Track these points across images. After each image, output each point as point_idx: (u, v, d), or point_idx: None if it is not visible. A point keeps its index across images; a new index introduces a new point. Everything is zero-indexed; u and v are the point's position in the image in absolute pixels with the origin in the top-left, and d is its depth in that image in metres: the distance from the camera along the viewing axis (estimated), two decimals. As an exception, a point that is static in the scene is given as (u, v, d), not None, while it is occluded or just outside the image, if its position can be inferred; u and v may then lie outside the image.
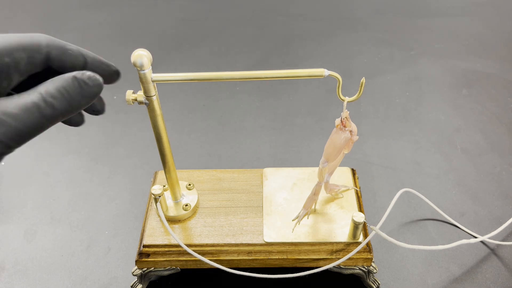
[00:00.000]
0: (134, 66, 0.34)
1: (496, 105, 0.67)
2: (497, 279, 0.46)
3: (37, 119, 0.27)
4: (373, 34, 0.84)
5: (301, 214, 0.43)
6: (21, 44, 0.29)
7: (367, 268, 0.43)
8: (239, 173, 0.49)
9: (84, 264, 0.48)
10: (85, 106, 0.30)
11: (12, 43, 0.28)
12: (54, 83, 0.29)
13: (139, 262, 0.43)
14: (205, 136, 0.64)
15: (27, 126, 0.27)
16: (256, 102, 0.69)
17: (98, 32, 0.86)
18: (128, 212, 0.53)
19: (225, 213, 0.45)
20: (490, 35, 0.83)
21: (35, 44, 0.29)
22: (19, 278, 0.47)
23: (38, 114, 0.27)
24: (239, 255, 0.42)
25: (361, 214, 0.40)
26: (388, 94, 0.70)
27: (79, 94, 0.29)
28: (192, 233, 0.43)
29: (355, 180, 0.48)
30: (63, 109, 0.28)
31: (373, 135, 0.63)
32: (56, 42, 0.31)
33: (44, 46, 0.30)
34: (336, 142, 0.38)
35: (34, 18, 0.92)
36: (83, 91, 0.29)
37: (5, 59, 0.28)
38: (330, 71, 0.34)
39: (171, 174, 0.42)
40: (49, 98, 0.28)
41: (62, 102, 0.28)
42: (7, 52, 0.28)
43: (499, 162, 0.58)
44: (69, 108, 0.28)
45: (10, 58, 0.28)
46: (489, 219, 0.51)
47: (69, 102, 0.28)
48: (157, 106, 0.37)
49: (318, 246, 0.42)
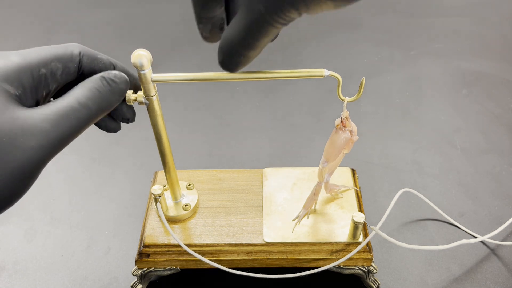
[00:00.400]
0: (134, 66, 0.33)
1: (496, 105, 0.67)
2: (497, 279, 0.46)
3: (74, 122, 0.29)
4: (373, 34, 0.84)
5: (301, 214, 0.43)
6: (56, 55, 0.30)
7: (367, 268, 0.43)
8: (239, 173, 0.49)
9: (84, 264, 0.48)
10: (116, 103, 0.32)
11: (48, 54, 0.30)
12: (85, 85, 0.30)
13: (139, 262, 0.43)
14: (205, 136, 0.64)
15: (66, 130, 0.28)
16: (256, 102, 0.69)
17: (98, 32, 0.86)
18: (128, 212, 0.53)
19: (225, 213, 0.45)
20: (490, 35, 0.83)
21: (68, 54, 0.31)
22: (19, 278, 0.47)
23: (74, 117, 0.29)
24: (239, 255, 0.42)
25: (361, 214, 0.40)
26: (388, 94, 0.70)
27: (108, 91, 0.31)
28: (192, 233, 0.43)
29: (355, 180, 0.48)
30: (97, 108, 0.30)
31: (373, 135, 0.63)
32: (88, 51, 0.33)
33: (76, 55, 0.32)
34: (336, 142, 0.38)
35: (34, 18, 0.92)
36: (112, 88, 0.31)
37: (42, 70, 0.29)
38: (330, 71, 0.34)
39: (171, 174, 0.42)
40: (83, 100, 0.29)
41: (95, 102, 0.30)
42: (44, 63, 0.29)
43: (499, 162, 0.58)
44: (102, 107, 0.30)
45: (47, 69, 0.30)
46: (489, 219, 0.51)
47: (101, 101, 0.31)
48: (157, 106, 0.37)
49: (318, 246, 0.42)
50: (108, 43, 0.83)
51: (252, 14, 0.24)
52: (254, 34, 0.25)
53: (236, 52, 0.27)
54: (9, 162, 0.26)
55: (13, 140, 0.26)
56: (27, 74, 0.28)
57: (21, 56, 0.29)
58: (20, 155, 0.26)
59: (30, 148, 0.27)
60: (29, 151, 0.27)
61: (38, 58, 0.29)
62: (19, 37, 0.86)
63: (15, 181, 0.27)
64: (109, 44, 0.83)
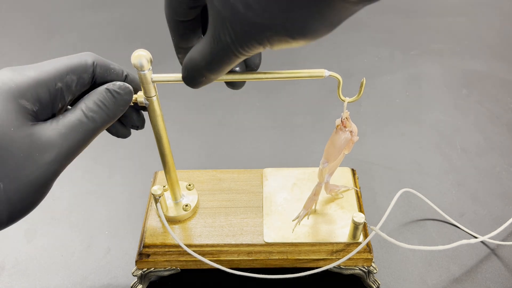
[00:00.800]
0: (134, 67, 0.33)
1: (496, 105, 0.67)
2: (497, 279, 0.46)
3: (82, 134, 0.30)
4: (373, 34, 0.84)
5: (301, 215, 0.43)
6: (70, 67, 0.31)
7: (367, 268, 0.43)
8: (239, 173, 0.49)
9: (84, 264, 0.48)
10: (121, 114, 0.33)
11: (62, 67, 0.31)
12: (90, 98, 0.31)
13: (139, 263, 0.43)
14: (205, 136, 0.64)
15: (75, 142, 0.30)
16: (256, 102, 0.69)
17: (98, 32, 0.86)
18: (128, 212, 0.53)
19: (225, 214, 0.45)
20: (490, 35, 0.83)
21: (82, 64, 0.32)
22: (19, 278, 0.47)
23: (82, 129, 0.30)
24: (239, 255, 0.42)
25: (361, 215, 0.40)
26: (388, 94, 0.70)
27: (114, 103, 0.32)
28: (192, 234, 0.43)
29: (355, 180, 0.48)
30: (103, 120, 0.31)
31: (373, 135, 0.63)
32: (101, 60, 0.33)
33: (90, 66, 0.32)
34: (336, 143, 0.38)
35: (34, 18, 0.92)
36: (117, 100, 0.32)
37: (58, 84, 0.30)
38: (330, 71, 0.34)
39: (171, 174, 0.42)
40: (89, 113, 0.31)
41: (101, 114, 0.31)
42: (60, 77, 0.30)
43: (499, 162, 0.58)
44: (108, 118, 0.32)
45: (62, 83, 0.31)
46: (489, 219, 0.51)
47: (107, 113, 0.32)
48: (157, 107, 0.37)
49: (318, 247, 0.42)
50: (108, 43, 0.83)
51: (219, 44, 0.25)
52: (218, 61, 0.26)
53: (199, 73, 0.28)
54: (25, 176, 0.28)
55: (29, 156, 0.28)
56: (43, 89, 0.29)
57: (37, 70, 0.30)
58: (35, 169, 0.28)
59: (44, 162, 0.28)
60: (43, 165, 0.28)
61: (54, 72, 0.30)
62: (19, 37, 0.86)
63: (30, 193, 0.29)
64: (109, 44, 0.83)
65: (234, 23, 0.24)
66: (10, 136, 0.27)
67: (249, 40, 0.24)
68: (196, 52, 0.27)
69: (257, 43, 0.24)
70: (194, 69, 0.28)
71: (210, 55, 0.26)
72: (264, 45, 0.24)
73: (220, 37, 0.25)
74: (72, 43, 0.84)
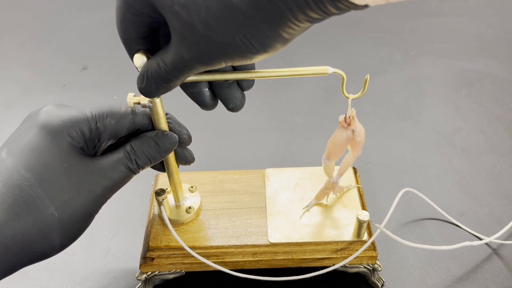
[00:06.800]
0: (136, 68, 0.33)
1: (496, 105, 0.67)
2: (497, 279, 0.46)
3: (125, 174, 0.34)
4: (373, 34, 0.84)
5: (311, 204, 0.44)
6: (111, 111, 0.34)
7: (372, 266, 0.43)
8: (241, 174, 0.49)
9: (84, 264, 0.48)
10: (162, 159, 0.36)
11: (104, 110, 0.34)
12: (136, 142, 0.34)
13: (144, 266, 0.42)
14: (205, 136, 0.64)
15: (117, 181, 0.33)
16: (256, 102, 0.69)
17: (98, 32, 0.86)
18: (128, 213, 0.53)
19: (229, 215, 0.45)
20: (490, 35, 0.83)
21: (123, 111, 0.35)
22: (19, 278, 0.47)
23: (125, 170, 0.34)
24: (244, 256, 0.42)
25: (365, 213, 0.41)
26: (388, 94, 0.70)
27: (157, 151, 0.35)
28: (196, 236, 0.43)
29: (357, 179, 0.48)
30: (144, 164, 0.35)
31: (373, 135, 0.63)
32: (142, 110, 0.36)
33: (130, 112, 0.35)
34: (336, 139, 0.38)
35: (34, 18, 0.91)
36: (160, 149, 0.35)
37: (98, 124, 0.33)
38: (334, 68, 0.34)
39: (174, 177, 0.42)
40: (133, 156, 0.34)
41: (144, 159, 0.35)
42: (100, 118, 0.33)
43: (499, 162, 0.59)
44: (149, 163, 0.35)
45: (101, 124, 0.33)
46: (489, 219, 0.52)
47: (149, 158, 0.35)
48: (161, 109, 0.36)
49: (323, 246, 0.42)
50: (108, 43, 0.83)
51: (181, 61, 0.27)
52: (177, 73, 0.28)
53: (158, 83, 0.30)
54: (76, 206, 0.31)
55: (80, 188, 0.31)
56: (85, 127, 0.32)
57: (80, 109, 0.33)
58: (85, 200, 0.32)
59: (93, 196, 0.32)
60: (92, 197, 0.32)
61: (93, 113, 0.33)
62: (19, 37, 0.86)
63: (79, 222, 0.32)
64: (110, 45, 0.82)
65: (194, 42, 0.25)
66: (65, 170, 0.31)
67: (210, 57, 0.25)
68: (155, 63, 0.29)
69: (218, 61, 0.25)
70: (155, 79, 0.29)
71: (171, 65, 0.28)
72: (226, 62, 0.26)
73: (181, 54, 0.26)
74: (72, 43, 0.84)
